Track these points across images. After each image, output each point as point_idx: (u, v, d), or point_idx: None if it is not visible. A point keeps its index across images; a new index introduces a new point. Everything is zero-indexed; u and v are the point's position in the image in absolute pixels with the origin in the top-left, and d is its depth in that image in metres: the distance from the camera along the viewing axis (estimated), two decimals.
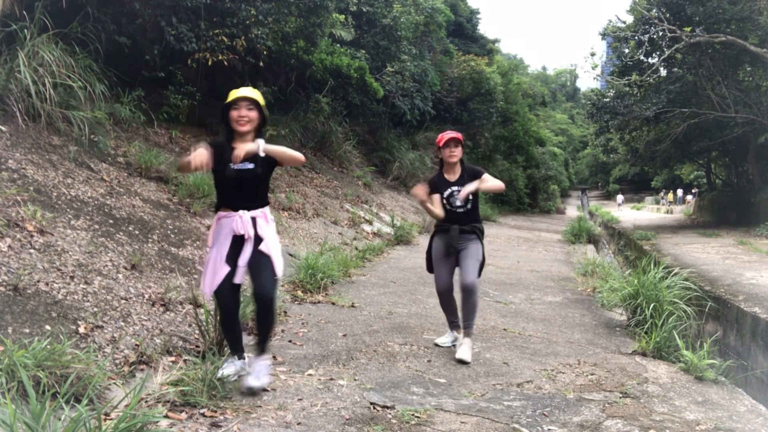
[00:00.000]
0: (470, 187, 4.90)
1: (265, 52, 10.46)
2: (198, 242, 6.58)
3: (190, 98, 9.92)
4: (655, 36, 20.17)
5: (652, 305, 5.85)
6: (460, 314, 5.16)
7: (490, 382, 4.43)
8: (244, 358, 3.91)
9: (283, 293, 6.48)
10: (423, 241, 13.38)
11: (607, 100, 22.63)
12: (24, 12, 6.54)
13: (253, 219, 3.73)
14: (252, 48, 10.14)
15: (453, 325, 5.29)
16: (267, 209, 3.86)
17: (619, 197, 56.95)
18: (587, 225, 19.15)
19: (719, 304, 9.02)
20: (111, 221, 5.68)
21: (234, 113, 3.67)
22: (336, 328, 5.49)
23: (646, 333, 5.62)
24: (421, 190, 5.04)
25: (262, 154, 3.65)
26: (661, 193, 54.28)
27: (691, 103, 20.84)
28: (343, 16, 15.55)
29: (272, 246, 3.75)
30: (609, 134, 26.86)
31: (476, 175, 5.05)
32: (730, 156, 26.21)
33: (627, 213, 42.37)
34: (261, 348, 3.84)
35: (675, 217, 33.13)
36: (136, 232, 5.84)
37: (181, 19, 9.19)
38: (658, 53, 20.45)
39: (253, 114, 3.69)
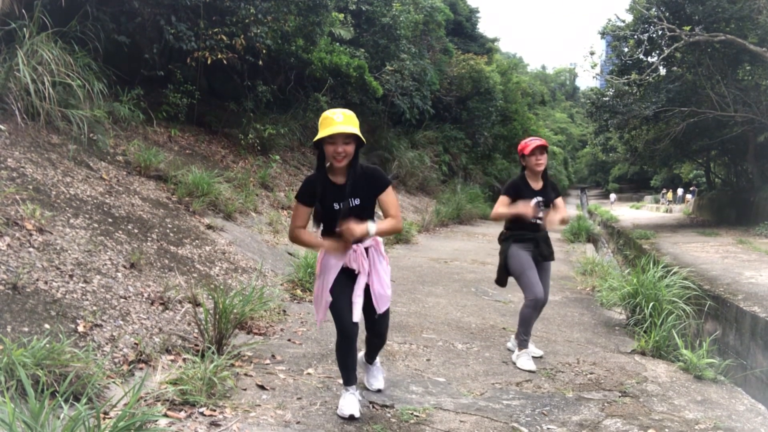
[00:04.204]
0: (557, 218, 4.79)
1: (264, 51, 10.45)
2: (197, 241, 6.58)
3: (190, 97, 9.91)
4: (654, 35, 20.14)
5: (651, 304, 5.85)
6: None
7: (489, 381, 4.44)
8: (356, 387, 3.70)
9: (282, 292, 6.49)
10: (422, 240, 13.39)
11: (607, 99, 22.58)
12: (23, 10, 6.53)
13: (366, 250, 3.51)
14: (251, 47, 10.13)
15: (525, 343, 4.86)
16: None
17: (612, 196, 57.65)
18: (586, 224, 19.13)
19: (718, 303, 9.02)
20: (110, 220, 5.67)
21: (330, 148, 3.33)
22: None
23: (645, 332, 5.63)
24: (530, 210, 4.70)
25: (370, 235, 3.38)
26: (661, 192, 54.32)
27: (690, 102, 20.81)
28: (343, 15, 15.54)
29: (384, 280, 3.58)
30: (608, 133, 26.80)
31: (555, 191, 5.01)
32: (729, 155, 26.20)
33: (626, 212, 42.34)
34: (373, 357, 3.98)
35: (674, 216, 33.13)
36: (135, 230, 5.84)
37: (180, 18, 9.18)
38: (657, 52, 20.42)
39: (350, 148, 3.36)
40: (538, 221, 4.84)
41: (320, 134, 3.31)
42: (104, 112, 7.45)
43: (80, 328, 3.83)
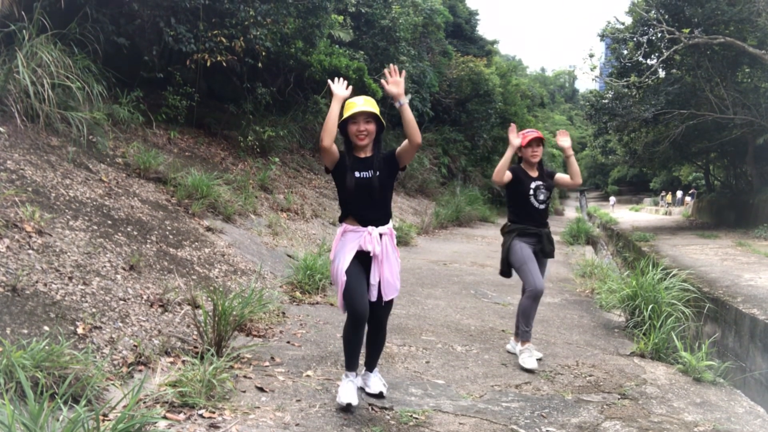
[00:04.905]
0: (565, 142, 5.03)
1: (263, 53, 10.45)
2: (196, 243, 6.57)
3: (189, 99, 9.91)
4: (653, 37, 20.16)
5: (650, 306, 5.86)
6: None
7: (489, 383, 4.43)
8: (356, 374, 3.81)
9: (282, 294, 6.48)
10: (422, 242, 13.39)
11: (606, 101, 22.61)
12: (23, 12, 6.53)
13: (380, 236, 3.68)
14: (250, 49, 10.14)
15: (527, 335, 4.95)
16: (391, 224, 3.83)
17: (612, 199, 57.86)
18: (586, 226, 19.15)
19: (718, 305, 9.02)
20: (109, 222, 5.67)
21: (353, 128, 3.65)
22: (334, 329, 5.49)
23: (644, 334, 5.63)
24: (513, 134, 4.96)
25: (403, 101, 3.59)
26: (660, 195, 54.34)
27: (689, 104, 20.83)
28: (342, 17, 15.55)
29: (394, 270, 3.74)
30: (608, 135, 26.84)
31: (552, 175, 5.15)
32: (728, 157, 26.21)
33: (625, 214, 42.38)
34: (373, 364, 3.97)
35: (673, 219, 33.14)
36: (135, 232, 5.84)
37: (179, 20, 9.19)
38: (656, 54, 20.44)
39: (371, 127, 3.67)
40: (541, 203, 4.98)
41: (344, 116, 3.62)
42: (104, 114, 7.45)
43: (79, 330, 3.83)
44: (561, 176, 5.17)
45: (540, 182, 4.99)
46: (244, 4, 9.62)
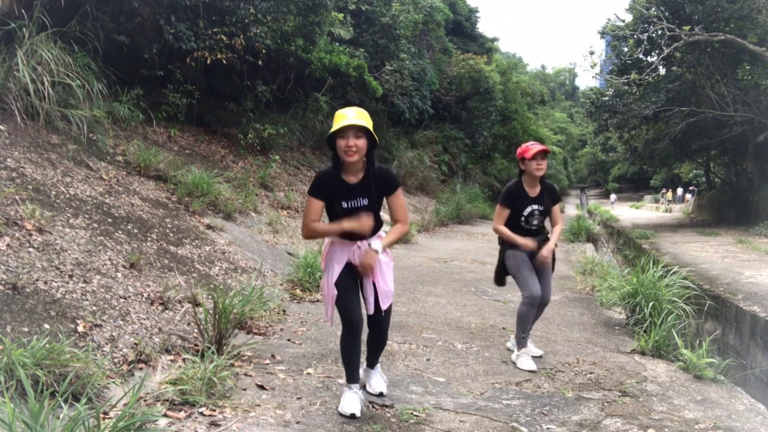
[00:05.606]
0: (546, 251, 4.80)
1: (263, 51, 10.44)
2: (197, 241, 6.57)
3: (189, 97, 9.91)
4: (654, 35, 20.14)
5: (651, 304, 5.86)
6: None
7: (489, 380, 4.44)
8: (358, 386, 3.69)
9: (282, 292, 6.48)
10: (422, 240, 13.39)
11: (606, 98, 22.59)
12: (23, 10, 6.53)
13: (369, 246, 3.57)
14: (251, 46, 10.13)
15: (524, 341, 4.88)
16: (381, 231, 3.69)
17: (612, 196, 58.01)
18: (586, 223, 19.13)
19: (718, 302, 9.02)
20: (110, 220, 5.67)
21: (341, 142, 3.33)
22: (335, 326, 5.48)
23: (645, 332, 5.63)
24: (531, 243, 4.81)
25: (378, 253, 3.47)
26: (661, 192, 54.33)
27: (690, 101, 20.81)
28: (342, 15, 15.53)
29: (387, 277, 3.61)
30: (608, 133, 26.82)
31: (553, 196, 4.98)
32: (729, 155, 26.18)
33: (626, 212, 42.34)
34: (374, 361, 3.91)
35: (674, 216, 33.12)
36: (135, 230, 5.84)
37: (179, 18, 9.18)
38: (657, 52, 20.41)
39: (362, 142, 3.34)
40: (533, 227, 4.91)
41: (332, 130, 3.34)
42: (104, 112, 7.44)
43: (80, 328, 3.83)
44: (554, 212, 5.04)
45: (536, 206, 4.83)
46: (244, 2, 9.61)
